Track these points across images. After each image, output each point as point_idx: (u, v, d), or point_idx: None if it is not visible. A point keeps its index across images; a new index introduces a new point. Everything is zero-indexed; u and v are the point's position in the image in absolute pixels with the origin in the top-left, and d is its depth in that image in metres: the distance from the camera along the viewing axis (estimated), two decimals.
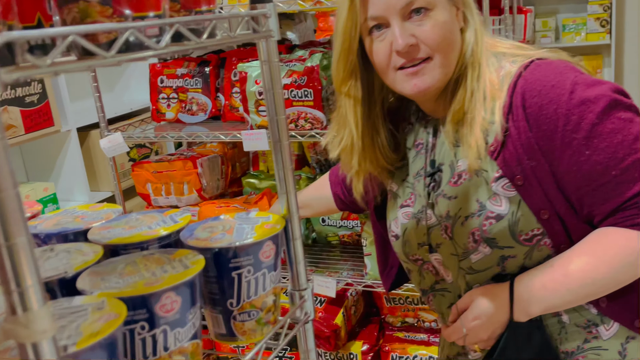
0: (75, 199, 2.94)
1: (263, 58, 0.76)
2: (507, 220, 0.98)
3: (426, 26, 0.98)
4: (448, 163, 1.07)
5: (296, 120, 1.74)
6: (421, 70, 1.00)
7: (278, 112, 0.78)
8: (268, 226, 0.78)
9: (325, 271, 1.91)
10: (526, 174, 0.96)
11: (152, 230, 0.79)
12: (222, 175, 2.07)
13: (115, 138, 1.86)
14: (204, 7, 0.71)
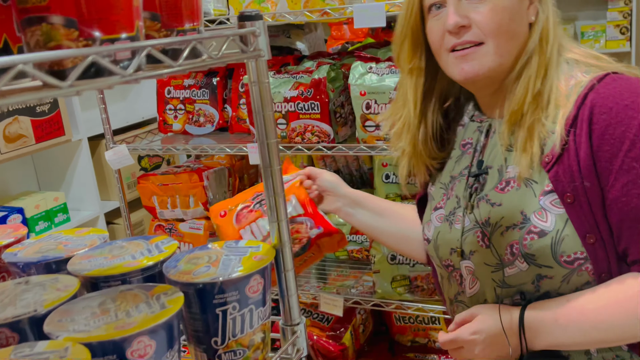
0: (86, 208, 2.93)
1: (252, 79, 0.71)
2: (550, 238, 0.92)
3: (483, 8, 0.93)
4: (497, 167, 1.01)
5: (303, 133, 1.69)
6: (470, 54, 0.95)
7: (269, 136, 0.73)
8: (256, 258, 0.73)
9: (333, 288, 1.86)
10: (577, 192, 0.90)
11: (135, 260, 0.74)
12: (229, 188, 2.02)
13: (120, 150, 1.83)
14: (187, 26, 0.66)
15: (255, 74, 0.71)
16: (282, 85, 1.68)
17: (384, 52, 1.81)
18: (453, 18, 0.94)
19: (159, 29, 0.64)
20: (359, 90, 1.59)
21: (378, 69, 1.60)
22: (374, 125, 1.60)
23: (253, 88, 0.72)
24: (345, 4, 1.54)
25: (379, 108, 1.58)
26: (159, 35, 0.64)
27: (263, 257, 0.73)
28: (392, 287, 1.72)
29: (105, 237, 0.84)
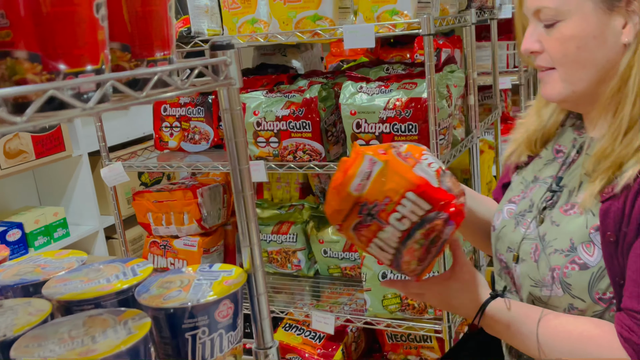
0: (86, 223, 2.95)
1: (224, 106, 0.73)
2: (590, 273, 0.91)
3: (551, 37, 0.93)
4: (570, 188, 1.00)
5: (294, 152, 1.70)
6: (545, 77, 0.97)
7: (240, 162, 0.74)
8: (227, 282, 0.74)
9: (325, 305, 1.86)
10: (619, 235, 0.88)
11: (109, 284, 0.76)
12: (224, 205, 2.04)
13: (116, 167, 1.85)
14: (158, 55, 0.68)
15: (227, 102, 0.72)
16: (275, 104, 1.70)
17: (376, 71, 1.82)
18: (524, 44, 0.96)
19: (129, 59, 0.65)
20: (349, 109, 1.60)
21: (368, 89, 1.61)
22: (364, 144, 1.61)
23: (225, 116, 0.73)
24: (335, 25, 1.56)
25: (369, 127, 1.59)
26: (129, 65, 0.66)
27: (234, 282, 0.74)
28: (383, 305, 1.72)
29: (83, 259, 0.85)
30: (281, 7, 1.58)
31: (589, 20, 0.90)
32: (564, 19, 0.91)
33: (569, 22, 0.91)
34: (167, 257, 1.98)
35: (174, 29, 0.69)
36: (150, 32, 0.66)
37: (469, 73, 1.84)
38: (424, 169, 0.96)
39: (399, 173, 0.96)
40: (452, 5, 1.70)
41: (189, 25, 1.67)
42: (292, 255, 2.02)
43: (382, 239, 0.98)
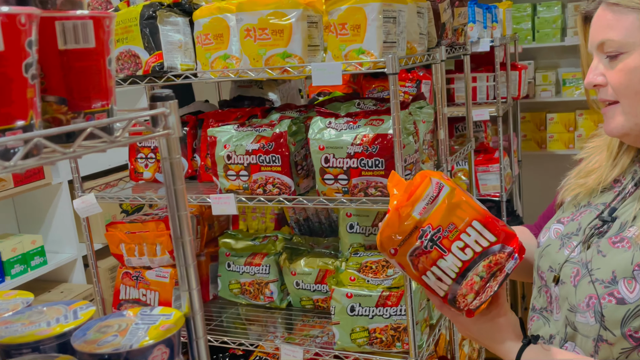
0: (65, 251, 2.95)
1: (163, 155, 0.75)
2: (626, 309, 0.91)
3: (614, 69, 0.96)
4: (623, 220, 1.00)
5: (264, 185, 1.72)
6: (608, 112, 0.99)
7: (179, 209, 0.76)
8: (164, 327, 0.75)
9: (296, 338, 1.86)
10: None
11: (49, 327, 0.76)
12: (198, 236, 2.05)
13: (88, 199, 1.86)
14: (96, 106, 0.70)
15: (166, 151, 0.74)
16: (245, 138, 1.73)
17: (347, 106, 1.86)
18: (588, 77, 0.99)
19: (65, 112, 0.68)
20: (317, 144, 1.63)
21: (337, 124, 1.64)
22: (332, 178, 1.63)
23: (164, 164, 0.75)
24: (304, 63, 1.59)
25: (337, 162, 1.62)
26: (66, 118, 0.68)
27: (170, 327, 0.75)
28: (352, 339, 1.72)
29: (29, 301, 0.86)
30: (251, 45, 1.61)
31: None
32: (628, 51, 0.94)
33: (632, 54, 0.94)
34: (139, 288, 1.98)
35: (114, 81, 0.72)
36: (87, 85, 0.68)
37: (438, 108, 1.88)
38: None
39: (467, 201, 0.96)
40: (420, 44, 1.74)
41: (161, 61, 1.70)
42: (264, 286, 2.03)
43: (441, 267, 0.97)
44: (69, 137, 0.66)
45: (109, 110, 0.71)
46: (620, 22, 0.95)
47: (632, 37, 0.94)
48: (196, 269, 0.78)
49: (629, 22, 0.94)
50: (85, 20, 0.66)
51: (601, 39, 0.97)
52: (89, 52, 0.67)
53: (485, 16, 2.93)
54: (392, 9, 1.52)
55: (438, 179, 0.97)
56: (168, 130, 0.73)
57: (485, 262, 0.98)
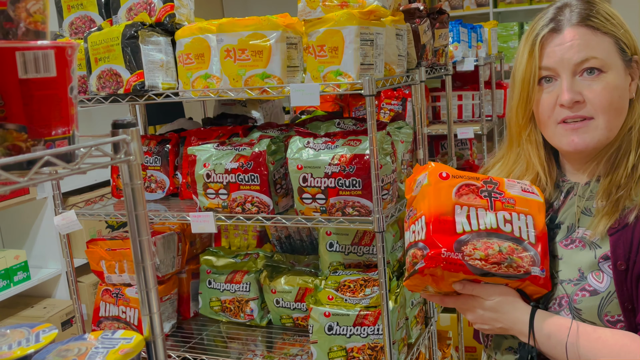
0: (48, 266, 2.94)
1: (125, 181, 0.76)
2: (600, 298, 1.00)
3: (596, 87, 1.02)
4: (568, 224, 1.10)
5: (243, 204, 1.73)
6: (583, 127, 1.04)
7: (141, 234, 0.77)
8: (123, 351, 0.75)
9: (275, 357, 1.86)
10: (629, 263, 0.98)
11: (10, 351, 0.77)
12: (179, 253, 2.05)
13: (69, 216, 1.87)
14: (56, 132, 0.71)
15: (128, 177, 0.76)
16: (224, 157, 1.74)
17: (327, 125, 1.87)
18: (568, 94, 1.02)
19: (25, 139, 0.69)
20: (296, 164, 1.64)
21: (315, 144, 1.66)
22: (310, 197, 1.65)
23: (126, 190, 0.76)
24: (283, 83, 1.61)
25: (315, 182, 1.63)
26: (26, 145, 0.69)
27: (129, 351, 0.75)
28: (329, 358, 1.72)
29: None
30: (231, 65, 1.63)
31: (621, 74, 1.05)
32: (608, 70, 1.03)
33: (611, 73, 1.03)
34: (119, 305, 1.98)
35: (76, 109, 0.73)
36: (48, 114, 0.69)
37: (418, 128, 1.90)
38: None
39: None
40: (399, 65, 1.76)
41: (142, 80, 1.71)
42: (245, 304, 2.03)
43: (478, 213, 1.05)
44: (30, 164, 0.67)
45: (70, 137, 0.72)
46: (600, 44, 1.03)
47: (610, 57, 1.03)
48: (157, 292, 0.78)
49: (606, 45, 1.04)
50: (47, 50, 0.67)
51: (585, 56, 1.02)
52: (49, 81, 0.68)
53: (470, 36, 2.97)
54: (370, 31, 1.55)
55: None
56: (129, 157, 0.74)
57: (514, 245, 1.04)
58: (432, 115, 3.41)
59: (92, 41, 1.75)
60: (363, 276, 1.77)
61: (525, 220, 1.06)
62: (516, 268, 1.03)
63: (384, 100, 3.20)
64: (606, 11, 1.06)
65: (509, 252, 1.03)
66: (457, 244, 1.03)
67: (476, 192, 1.07)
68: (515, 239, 1.04)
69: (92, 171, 2.79)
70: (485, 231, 1.03)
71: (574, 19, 1.05)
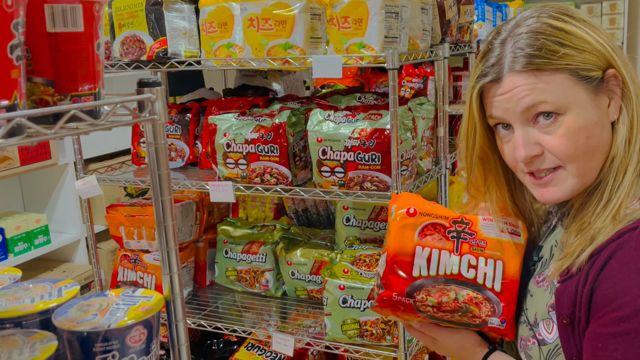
0: (69, 231, 2.98)
1: (149, 140, 0.76)
2: (547, 350, 0.91)
3: (554, 134, 0.86)
4: (544, 258, 1.00)
5: (262, 175, 1.74)
6: (550, 181, 0.90)
7: (163, 194, 0.77)
8: (143, 309, 0.76)
9: (289, 327, 1.88)
10: (573, 317, 0.86)
11: (32, 304, 0.79)
12: (196, 222, 2.07)
13: (90, 181, 1.89)
14: (83, 89, 0.71)
15: (152, 136, 0.76)
16: (245, 127, 1.74)
17: (348, 99, 1.86)
18: (522, 151, 0.88)
19: (52, 93, 0.69)
20: (315, 136, 1.64)
21: (335, 117, 1.65)
22: (329, 170, 1.64)
23: (149, 149, 0.77)
24: (306, 54, 1.60)
25: (334, 155, 1.63)
26: (53, 100, 0.69)
27: (149, 308, 0.76)
28: (343, 330, 1.74)
29: (16, 277, 0.88)
30: (254, 34, 1.62)
31: (587, 107, 0.87)
32: (566, 111, 0.86)
33: (571, 114, 0.86)
34: (137, 271, 2.01)
35: (102, 66, 0.73)
36: (74, 69, 0.69)
37: (439, 105, 1.88)
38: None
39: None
40: (423, 40, 1.74)
41: (165, 47, 1.71)
42: (260, 275, 2.05)
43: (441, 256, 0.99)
44: (56, 119, 0.68)
45: (96, 94, 0.73)
46: (550, 85, 0.86)
47: (567, 96, 0.86)
48: (177, 253, 0.79)
49: (558, 83, 0.86)
50: (75, 4, 0.67)
51: (531, 102, 0.86)
52: (77, 35, 0.68)
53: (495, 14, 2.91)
54: (395, 4, 1.53)
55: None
56: (154, 115, 0.74)
57: (474, 293, 0.98)
58: (453, 95, 3.37)
59: (116, 6, 1.74)
60: (379, 251, 1.77)
61: (493, 266, 0.99)
62: (471, 318, 1.00)
63: (405, 78, 3.16)
64: (556, 39, 0.87)
65: (466, 300, 0.98)
66: (410, 288, 0.99)
67: (443, 232, 1.00)
68: (476, 286, 0.98)
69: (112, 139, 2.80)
70: (444, 277, 0.99)
71: (514, 64, 0.88)
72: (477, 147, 0.97)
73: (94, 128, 0.67)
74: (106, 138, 2.98)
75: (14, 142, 0.58)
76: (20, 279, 0.90)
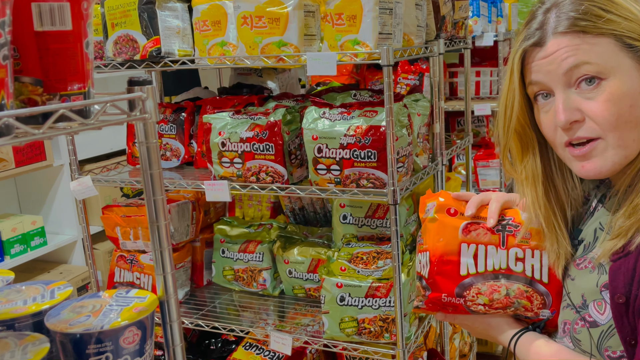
0: (65, 232, 2.97)
1: (141, 139, 0.76)
2: (600, 331, 0.89)
3: (596, 100, 0.84)
4: (585, 242, 0.97)
5: (257, 173, 1.73)
6: (589, 152, 0.87)
7: (155, 193, 0.76)
8: (137, 309, 0.76)
9: (287, 326, 1.88)
10: (629, 295, 0.84)
11: (25, 306, 0.78)
12: (193, 221, 2.06)
13: (85, 181, 1.88)
14: (72, 88, 0.70)
15: (144, 135, 0.75)
16: (240, 125, 1.73)
17: (343, 96, 1.85)
18: (562, 115, 0.86)
19: (41, 93, 0.68)
20: (311, 134, 1.63)
21: (331, 115, 1.64)
22: (325, 168, 1.64)
23: (141, 148, 0.76)
24: (300, 52, 1.59)
25: (329, 152, 1.62)
26: (41, 99, 0.68)
27: (143, 309, 0.76)
28: (341, 328, 1.73)
29: (8, 279, 0.87)
30: (248, 32, 1.62)
31: (632, 75, 0.85)
32: (609, 76, 0.84)
33: (615, 80, 0.84)
34: (134, 271, 2.00)
35: (91, 64, 0.72)
36: (63, 68, 0.68)
37: (435, 102, 1.87)
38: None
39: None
40: (418, 36, 1.73)
41: (159, 46, 1.70)
42: (258, 274, 2.04)
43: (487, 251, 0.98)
44: (45, 118, 0.67)
45: (86, 93, 0.72)
46: (594, 48, 0.85)
47: (610, 61, 0.84)
48: (171, 253, 0.79)
49: (603, 46, 0.85)
50: (62, 2, 0.66)
51: (574, 62, 0.85)
52: (65, 34, 0.68)
53: (490, 10, 2.91)
54: (389, 0, 1.52)
55: None
56: (145, 114, 0.73)
57: (525, 287, 0.97)
58: (449, 92, 3.37)
59: (108, 6, 1.73)
60: (376, 248, 1.77)
61: (539, 257, 0.97)
62: (524, 312, 0.99)
63: (401, 75, 3.16)
64: (600, 5, 0.86)
65: (517, 295, 0.98)
66: (459, 288, 0.98)
67: (487, 227, 0.98)
68: (526, 279, 0.97)
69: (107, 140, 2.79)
70: (493, 272, 0.97)
71: (558, 26, 0.87)
72: (514, 119, 0.94)
73: (84, 128, 0.66)
74: (101, 139, 2.97)
75: (2, 143, 0.57)
76: (13, 280, 0.89)
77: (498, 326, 1.02)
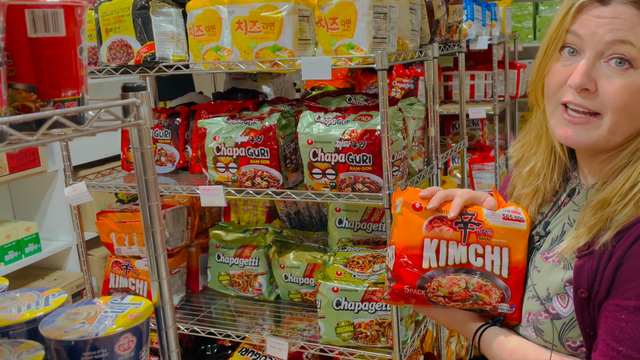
0: (59, 238, 2.96)
1: (135, 145, 0.75)
2: (562, 323, 0.94)
3: (616, 82, 0.85)
4: (554, 235, 1.01)
5: (253, 178, 1.73)
6: (583, 124, 0.89)
7: (150, 199, 0.76)
8: (132, 316, 0.75)
9: (283, 331, 1.87)
10: (591, 291, 0.89)
11: (19, 313, 0.77)
12: (188, 227, 2.06)
13: (79, 187, 1.87)
14: (66, 94, 0.70)
15: (138, 141, 0.75)
16: (234, 130, 1.73)
17: (338, 100, 1.86)
18: (578, 78, 0.86)
19: (34, 99, 0.68)
20: (306, 138, 1.63)
21: (326, 119, 1.64)
22: (320, 172, 1.64)
23: (135, 154, 0.76)
24: (294, 56, 1.59)
25: (325, 156, 1.62)
26: (35, 106, 0.68)
27: (138, 316, 0.75)
28: (337, 333, 1.73)
29: (2, 286, 0.87)
30: (242, 37, 1.62)
31: None
32: (639, 67, 0.85)
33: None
34: (129, 277, 1.99)
35: (85, 70, 0.72)
36: (57, 74, 0.68)
37: (430, 105, 1.88)
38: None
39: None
40: (412, 40, 1.74)
41: (153, 51, 1.70)
42: (253, 279, 2.03)
43: (448, 246, 1.02)
44: (38, 125, 0.67)
45: (80, 99, 0.72)
46: None
47: None
48: (166, 258, 0.78)
49: None
50: (56, 8, 0.66)
51: (620, 37, 0.84)
52: (59, 40, 0.67)
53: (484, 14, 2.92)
54: (383, 4, 1.52)
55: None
56: (139, 120, 0.73)
57: (483, 281, 1.01)
58: (444, 95, 3.38)
59: (102, 11, 1.73)
60: (372, 252, 1.77)
61: (500, 253, 1.01)
62: (482, 305, 1.03)
63: (396, 79, 3.17)
64: None
65: (476, 288, 1.02)
66: (421, 280, 1.02)
67: (450, 224, 1.02)
68: (485, 273, 1.01)
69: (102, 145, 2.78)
70: (454, 267, 1.02)
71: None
72: (549, 66, 0.94)
73: (78, 134, 0.66)
74: (96, 144, 2.97)
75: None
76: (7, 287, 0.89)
77: (463, 320, 1.07)
